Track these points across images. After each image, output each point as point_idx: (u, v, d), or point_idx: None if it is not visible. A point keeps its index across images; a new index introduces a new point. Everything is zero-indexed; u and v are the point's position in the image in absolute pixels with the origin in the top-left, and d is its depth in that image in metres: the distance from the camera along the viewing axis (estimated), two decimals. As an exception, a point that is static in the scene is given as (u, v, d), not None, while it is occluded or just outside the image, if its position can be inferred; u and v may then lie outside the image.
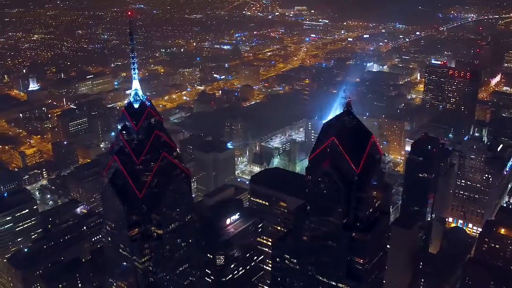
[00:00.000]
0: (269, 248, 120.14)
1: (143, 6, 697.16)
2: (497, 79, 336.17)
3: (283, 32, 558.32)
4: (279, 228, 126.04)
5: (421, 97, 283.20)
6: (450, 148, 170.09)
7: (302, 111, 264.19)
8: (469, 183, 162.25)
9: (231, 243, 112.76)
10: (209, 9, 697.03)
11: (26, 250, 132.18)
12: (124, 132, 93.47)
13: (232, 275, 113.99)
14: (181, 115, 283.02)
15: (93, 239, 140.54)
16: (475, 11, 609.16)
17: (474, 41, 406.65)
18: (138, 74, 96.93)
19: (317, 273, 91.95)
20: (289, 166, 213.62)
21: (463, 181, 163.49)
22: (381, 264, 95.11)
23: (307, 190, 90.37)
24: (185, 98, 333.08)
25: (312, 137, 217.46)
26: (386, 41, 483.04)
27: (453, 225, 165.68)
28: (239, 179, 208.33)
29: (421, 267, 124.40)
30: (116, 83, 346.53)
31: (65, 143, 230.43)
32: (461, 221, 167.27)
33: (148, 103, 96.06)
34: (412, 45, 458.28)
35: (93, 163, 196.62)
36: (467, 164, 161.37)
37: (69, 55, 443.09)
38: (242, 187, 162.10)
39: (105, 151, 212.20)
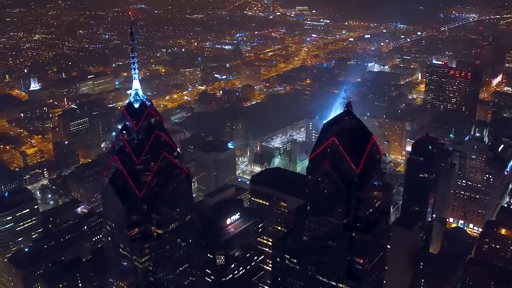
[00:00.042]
0: (269, 248, 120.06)
1: (144, 6, 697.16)
2: (498, 79, 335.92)
3: (284, 32, 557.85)
4: (280, 228, 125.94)
5: (422, 97, 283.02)
6: (451, 148, 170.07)
7: (303, 111, 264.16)
8: (470, 183, 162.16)
9: (231, 243, 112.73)
10: (210, 9, 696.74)
11: (26, 249, 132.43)
12: (124, 132, 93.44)
13: (232, 275, 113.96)
14: (182, 115, 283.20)
15: (94, 239, 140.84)
16: (476, 11, 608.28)
17: (475, 41, 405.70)
18: (139, 74, 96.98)
19: (317, 273, 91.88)
20: (290, 166, 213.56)
21: (463, 181, 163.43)
22: (381, 264, 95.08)
23: (307, 190, 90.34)
24: (186, 98, 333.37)
25: (313, 137, 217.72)
26: (387, 41, 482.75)
27: (454, 225, 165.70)
28: (240, 179, 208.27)
29: (421, 267, 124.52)
30: (117, 83, 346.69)
31: (66, 143, 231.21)
32: (461, 222, 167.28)
33: (148, 103, 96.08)
34: (413, 45, 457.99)
35: (94, 163, 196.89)
36: (468, 164, 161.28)
37: (70, 55, 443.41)
38: (243, 187, 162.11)
39: (106, 151, 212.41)
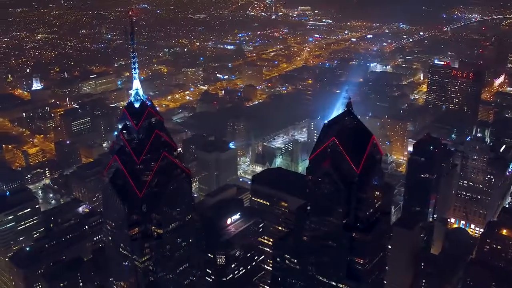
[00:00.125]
0: (270, 248, 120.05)
1: (147, 6, 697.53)
2: (500, 80, 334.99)
3: (286, 32, 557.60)
4: (280, 228, 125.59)
5: (424, 98, 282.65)
6: (452, 148, 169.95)
7: (305, 111, 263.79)
8: (471, 183, 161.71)
9: (232, 243, 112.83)
10: (212, 9, 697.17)
11: (28, 249, 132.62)
12: (124, 131, 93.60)
13: (232, 275, 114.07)
14: (184, 115, 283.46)
15: (95, 238, 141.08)
16: (479, 12, 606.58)
17: (477, 41, 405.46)
18: (141, 74, 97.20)
19: (318, 273, 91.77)
20: (291, 166, 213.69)
21: (465, 181, 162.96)
22: (382, 264, 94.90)
23: (308, 190, 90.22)
24: (188, 98, 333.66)
25: (314, 137, 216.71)
26: (389, 41, 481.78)
27: (455, 226, 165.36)
28: (241, 179, 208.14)
29: (422, 267, 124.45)
30: (119, 82, 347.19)
31: (68, 142, 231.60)
32: (463, 222, 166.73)
33: (148, 103, 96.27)
34: (415, 46, 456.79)
35: (95, 162, 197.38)
36: (469, 164, 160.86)
37: (72, 54, 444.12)
38: (244, 187, 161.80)
39: (108, 150, 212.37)
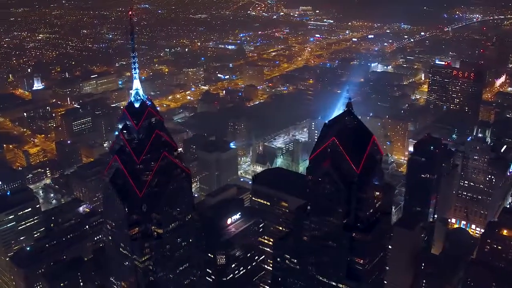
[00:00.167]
0: (270, 248, 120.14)
1: (148, 6, 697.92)
2: (501, 80, 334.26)
3: (287, 32, 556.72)
4: (281, 228, 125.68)
5: (425, 98, 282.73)
6: (453, 148, 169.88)
7: (305, 111, 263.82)
8: (472, 184, 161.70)
9: (232, 243, 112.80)
10: (214, 9, 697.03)
11: (28, 248, 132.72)
12: (124, 131, 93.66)
13: (233, 275, 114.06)
14: (184, 114, 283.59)
15: (95, 238, 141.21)
16: (480, 12, 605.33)
17: (479, 41, 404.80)
18: (142, 73, 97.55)
19: (318, 273, 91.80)
20: (292, 166, 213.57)
21: (466, 182, 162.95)
22: (382, 264, 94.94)
23: (308, 190, 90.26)
24: (189, 97, 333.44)
25: (315, 137, 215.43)
26: (390, 41, 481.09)
27: (456, 226, 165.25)
28: (242, 179, 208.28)
29: (423, 268, 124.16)
30: (120, 82, 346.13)
31: (69, 142, 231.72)
32: (463, 222, 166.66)
33: (148, 103, 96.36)
34: (416, 46, 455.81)
35: (96, 162, 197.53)
36: (470, 165, 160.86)
37: (73, 54, 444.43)
38: (245, 187, 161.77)
39: (109, 150, 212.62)
